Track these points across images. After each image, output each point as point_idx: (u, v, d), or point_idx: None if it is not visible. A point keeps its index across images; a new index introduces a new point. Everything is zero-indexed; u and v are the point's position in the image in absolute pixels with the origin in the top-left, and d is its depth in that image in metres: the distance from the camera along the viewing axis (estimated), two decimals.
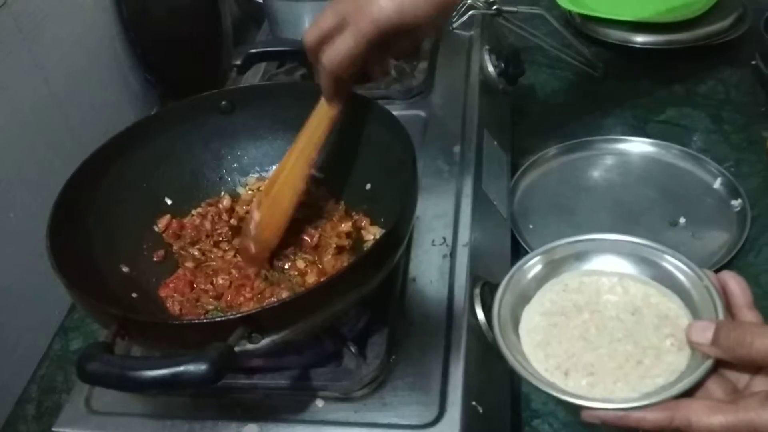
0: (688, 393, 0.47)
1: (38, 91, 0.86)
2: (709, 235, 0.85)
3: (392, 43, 0.61)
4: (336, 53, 0.59)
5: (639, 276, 0.55)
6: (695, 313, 0.51)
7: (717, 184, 0.91)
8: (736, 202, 0.88)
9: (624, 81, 1.13)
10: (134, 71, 1.07)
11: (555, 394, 0.49)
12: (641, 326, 0.52)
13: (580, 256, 0.57)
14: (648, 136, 0.99)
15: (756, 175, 0.93)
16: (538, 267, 0.57)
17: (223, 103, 0.75)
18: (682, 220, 0.87)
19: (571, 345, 0.52)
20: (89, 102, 0.95)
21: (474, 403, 0.58)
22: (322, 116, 0.67)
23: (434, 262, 0.68)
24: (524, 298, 0.56)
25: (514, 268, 0.57)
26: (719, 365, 0.47)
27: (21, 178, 0.82)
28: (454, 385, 0.58)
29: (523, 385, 0.74)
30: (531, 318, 0.55)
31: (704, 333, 0.47)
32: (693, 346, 0.49)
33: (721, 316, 0.49)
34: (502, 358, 0.51)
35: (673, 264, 0.54)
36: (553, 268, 0.57)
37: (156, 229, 0.72)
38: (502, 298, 0.55)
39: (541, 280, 0.56)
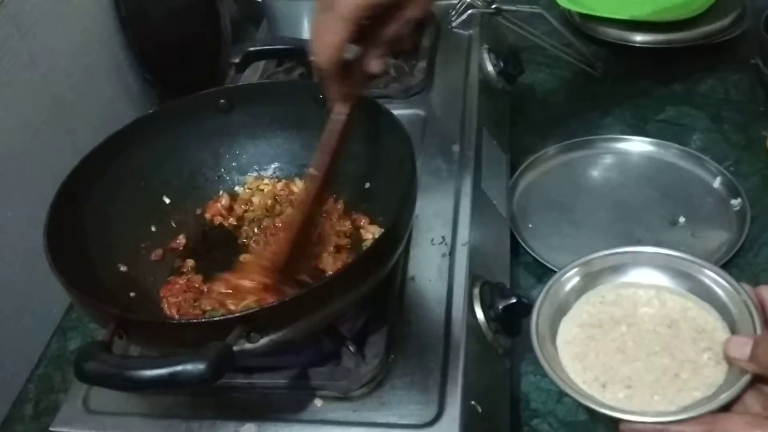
0: (726, 407, 0.47)
1: (36, 90, 0.86)
2: (709, 234, 0.85)
3: (381, 30, 0.59)
4: (322, 44, 0.58)
5: (676, 289, 0.55)
6: (733, 326, 0.52)
7: (716, 183, 0.91)
8: (735, 202, 0.88)
9: (623, 80, 1.13)
10: (132, 70, 1.07)
11: (593, 406, 0.49)
12: (678, 339, 0.52)
13: (617, 269, 0.57)
14: (647, 136, 0.99)
15: (755, 174, 0.93)
16: (576, 279, 0.57)
17: (222, 101, 0.75)
18: (681, 220, 0.87)
19: (609, 358, 0.53)
20: (87, 101, 0.95)
21: (473, 402, 0.58)
22: (332, 129, 0.63)
23: (433, 261, 0.68)
24: (562, 310, 0.56)
25: (553, 279, 0.57)
26: (757, 380, 0.47)
27: (18, 177, 0.82)
28: (453, 385, 0.58)
29: (522, 384, 0.74)
30: (569, 330, 0.55)
31: (742, 348, 0.47)
32: (730, 361, 0.49)
33: (759, 330, 0.49)
34: (540, 369, 0.52)
35: (710, 277, 0.54)
36: (590, 280, 0.57)
37: (153, 229, 0.72)
38: (540, 308, 0.55)
39: (579, 291, 0.57)
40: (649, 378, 0.51)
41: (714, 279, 0.54)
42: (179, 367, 0.45)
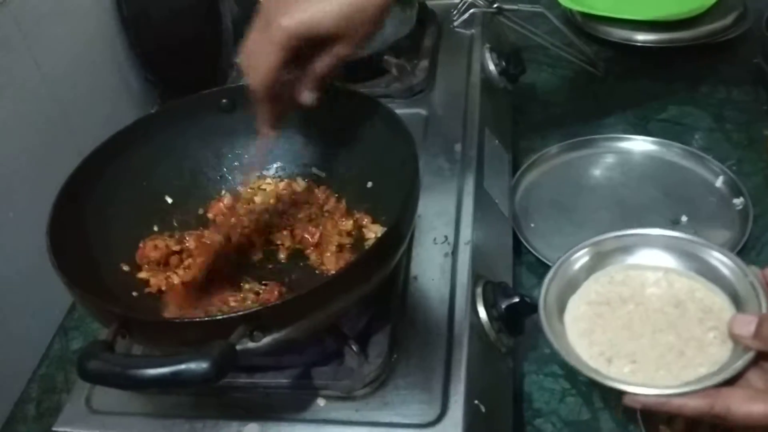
0: (729, 384, 0.48)
1: (37, 90, 0.86)
2: (711, 233, 0.85)
3: (313, 62, 0.61)
4: (254, 67, 0.59)
5: (684, 270, 0.57)
6: (739, 307, 0.53)
7: (719, 182, 0.91)
8: (738, 201, 0.88)
9: (625, 79, 1.13)
10: (134, 70, 1.07)
11: (598, 379, 0.50)
12: (685, 319, 0.53)
13: (626, 250, 0.58)
14: (649, 135, 0.99)
15: (758, 173, 0.93)
16: (586, 258, 0.59)
17: (224, 101, 0.75)
18: (683, 219, 0.87)
19: (615, 334, 0.54)
20: (89, 101, 0.95)
21: (476, 401, 0.58)
22: None
23: (436, 261, 0.68)
24: (571, 288, 0.57)
25: (562, 257, 0.59)
26: (760, 357, 0.48)
27: (20, 177, 0.82)
28: (456, 384, 0.58)
29: (525, 383, 0.73)
30: (577, 307, 0.56)
31: (747, 326, 0.49)
32: (735, 338, 0.50)
33: (764, 310, 0.50)
34: (547, 343, 0.53)
35: (718, 259, 0.55)
36: (599, 260, 0.58)
37: (155, 228, 0.72)
38: (548, 286, 0.57)
39: (588, 271, 0.58)
40: (654, 354, 0.52)
41: (721, 260, 0.55)
42: (182, 366, 0.45)
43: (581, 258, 0.59)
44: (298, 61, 0.60)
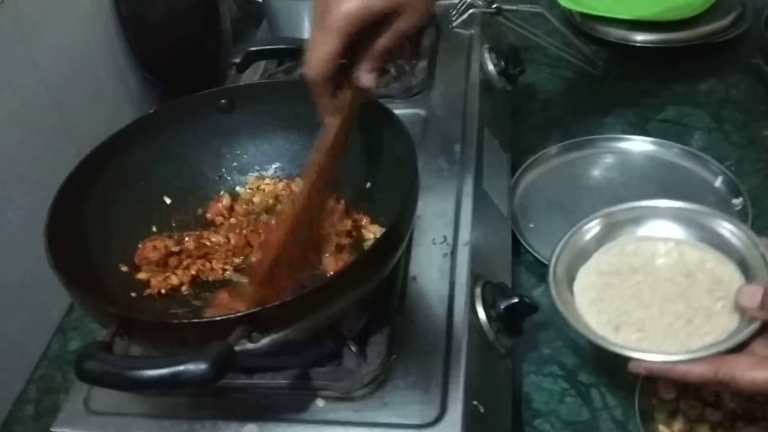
0: (734, 352, 0.48)
1: (36, 90, 0.86)
2: None
3: (373, 43, 0.58)
4: (311, 57, 0.57)
5: (695, 242, 0.57)
6: (749, 278, 0.53)
7: (718, 182, 0.91)
8: (737, 201, 0.88)
9: (624, 80, 1.13)
10: (133, 70, 1.07)
11: (604, 345, 0.51)
12: (694, 289, 0.54)
13: (637, 221, 0.59)
14: (648, 135, 0.99)
15: (757, 173, 0.93)
16: (597, 229, 0.59)
17: (223, 101, 0.75)
18: None
19: (624, 303, 0.54)
20: (87, 101, 0.95)
21: (475, 402, 0.58)
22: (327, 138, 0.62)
23: (435, 261, 0.68)
24: (581, 258, 0.58)
25: (574, 228, 0.59)
26: (766, 328, 0.48)
27: (19, 178, 0.81)
28: (455, 385, 0.58)
29: (524, 384, 0.73)
30: (587, 277, 0.57)
31: (753, 297, 0.49)
32: (742, 309, 0.50)
33: None
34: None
35: (729, 230, 0.56)
36: (610, 231, 0.59)
37: (154, 229, 0.72)
38: (559, 255, 0.57)
39: (599, 242, 0.59)
40: (662, 323, 0.52)
41: (732, 231, 0.56)
42: (181, 367, 0.45)
43: (592, 229, 0.59)
44: (357, 44, 0.58)
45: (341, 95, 0.60)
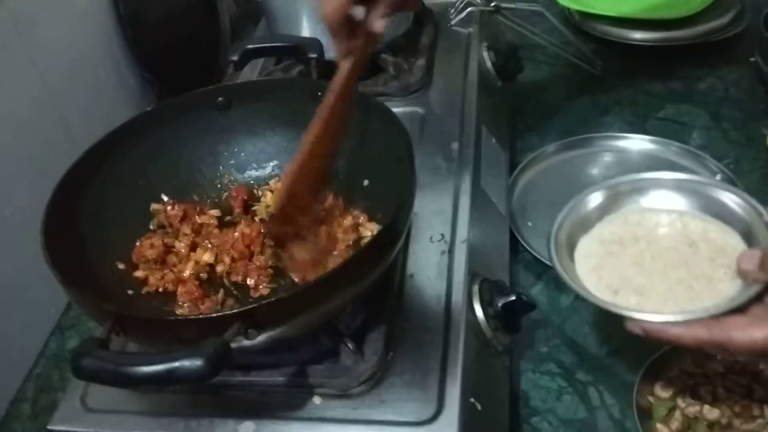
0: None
1: (34, 88, 0.86)
2: None
3: None
4: (326, 3, 0.59)
5: (699, 213, 0.57)
6: (753, 247, 0.53)
7: None
8: None
9: (623, 78, 1.12)
10: (131, 69, 1.07)
11: (601, 304, 0.51)
12: (696, 257, 0.54)
13: (641, 192, 0.59)
14: (647, 133, 0.99)
15: (755, 171, 0.93)
16: (600, 199, 0.59)
17: (220, 99, 0.75)
18: None
19: (625, 270, 0.54)
20: (86, 100, 0.95)
21: (472, 400, 0.58)
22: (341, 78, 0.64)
23: (432, 259, 0.68)
24: (583, 227, 0.58)
25: (577, 198, 0.59)
26: (766, 293, 0.48)
27: (16, 176, 0.81)
28: (452, 382, 0.58)
29: (522, 382, 0.73)
30: (589, 245, 0.57)
31: (753, 259, 0.49)
32: (742, 273, 0.50)
33: None
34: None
35: (733, 201, 0.56)
36: (614, 201, 0.59)
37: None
38: (561, 223, 0.57)
39: (602, 211, 0.59)
40: (662, 288, 0.52)
41: (737, 202, 0.55)
42: (176, 363, 0.45)
43: (595, 199, 0.59)
44: None
45: (354, 39, 0.63)
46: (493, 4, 1.05)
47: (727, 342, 0.46)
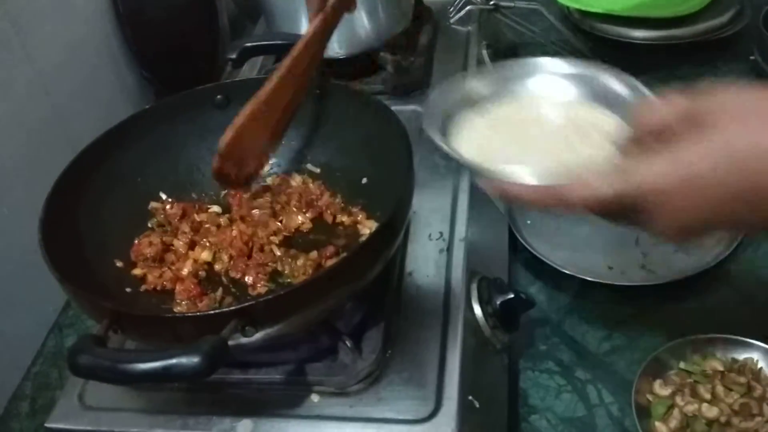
0: None
1: (32, 87, 0.86)
2: None
3: None
4: None
5: (590, 102, 0.55)
6: None
7: None
8: None
9: None
10: (130, 68, 1.07)
11: (454, 155, 0.49)
12: (586, 141, 0.52)
13: (531, 74, 0.57)
14: None
15: None
16: (486, 80, 0.57)
17: (219, 97, 0.75)
18: None
19: (506, 144, 0.53)
20: (84, 98, 0.95)
21: (470, 397, 0.58)
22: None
23: (431, 257, 0.68)
24: (468, 104, 0.56)
25: (460, 75, 0.58)
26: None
27: (15, 174, 0.81)
28: (451, 380, 0.58)
29: (521, 380, 0.73)
30: (471, 120, 0.55)
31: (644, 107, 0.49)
32: (634, 123, 0.49)
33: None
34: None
35: (620, 87, 0.55)
36: (503, 85, 0.57)
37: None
38: (442, 93, 0.55)
39: (491, 93, 0.57)
40: (534, 158, 0.50)
41: (622, 88, 0.55)
42: (173, 361, 0.45)
43: (483, 79, 0.57)
44: None
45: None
46: (492, 3, 1.05)
47: (562, 196, 0.45)
